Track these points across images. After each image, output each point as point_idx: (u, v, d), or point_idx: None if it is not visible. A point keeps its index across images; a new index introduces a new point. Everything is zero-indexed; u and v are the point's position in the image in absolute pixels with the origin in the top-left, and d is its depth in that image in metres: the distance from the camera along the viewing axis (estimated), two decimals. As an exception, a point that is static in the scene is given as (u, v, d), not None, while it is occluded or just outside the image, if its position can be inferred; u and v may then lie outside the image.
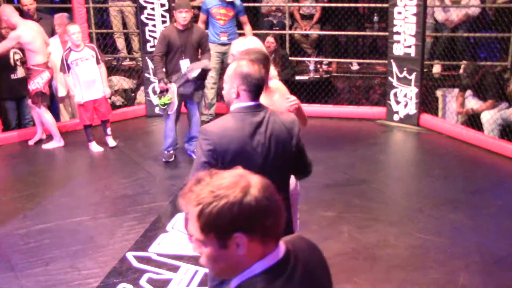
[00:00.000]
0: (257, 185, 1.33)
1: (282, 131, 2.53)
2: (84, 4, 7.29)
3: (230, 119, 2.51)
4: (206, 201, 1.29)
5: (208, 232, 1.30)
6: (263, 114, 2.52)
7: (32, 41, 6.07)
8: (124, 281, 3.75)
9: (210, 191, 1.30)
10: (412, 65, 6.62)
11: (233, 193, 1.29)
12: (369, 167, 5.61)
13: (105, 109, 6.20)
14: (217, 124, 2.54)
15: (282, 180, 2.62)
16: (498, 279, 3.71)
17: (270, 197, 1.33)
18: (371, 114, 7.13)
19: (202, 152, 2.46)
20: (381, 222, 4.46)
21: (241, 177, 1.33)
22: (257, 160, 2.48)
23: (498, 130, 6.12)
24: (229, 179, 1.32)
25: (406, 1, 6.50)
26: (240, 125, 2.47)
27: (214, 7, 6.66)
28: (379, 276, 3.75)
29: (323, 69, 8.02)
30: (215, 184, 1.31)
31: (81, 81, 6.01)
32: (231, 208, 1.28)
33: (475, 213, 4.59)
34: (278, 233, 1.37)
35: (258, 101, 2.54)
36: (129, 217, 4.67)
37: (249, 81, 2.49)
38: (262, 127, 2.49)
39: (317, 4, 8.00)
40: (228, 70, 2.57)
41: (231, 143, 2.44)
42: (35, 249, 4.20)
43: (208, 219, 1.29)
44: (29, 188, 5.34)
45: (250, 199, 1.29)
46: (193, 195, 1.32)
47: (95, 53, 6.07)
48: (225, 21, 6.69)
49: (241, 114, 2.50)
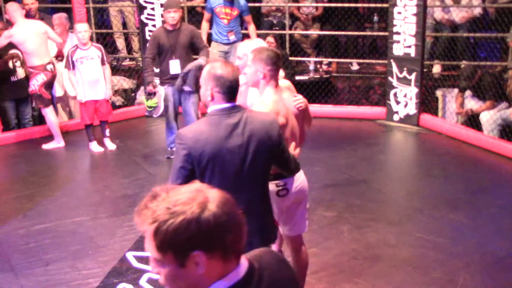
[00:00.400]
0: (215, 199, 1.26)
1: (261, 130, 2.51)
2: (84, 4, 7.29)
3: (205, 122, 2.50)
4: (162, 218, 1.21)
5: (165, 251, 1.23)
6: (239, 115, 2.49)
7: (23, 42, 6.04)
8: (124, 281, 3.75)
9: (166, 208, 1.22)
10: (412, 65, 6.62)
11: (190, 209, 1.22)
12: (369, 167, 5.61)
13: (106, 110, 6.20)
14: (191, 128, 2.54)
15: (262, 181, 2.61)
16: (498, 279, 3.71)
17: (229, 212, 1.26)
18: (371, 114, 7.13)
19: (178, 157, 2.45)
20: (381, 222, 4.46)
21: (198, 192, 1.26)
22: (235, 162, 2.47)
23: (498, 130, 6.12)
24: (186, 194, 1.25)
25: (406, 1, 6.50)
26: (215, 127, 2.45)
27: (218, 6, 6.68)
28: (379, 276, 3.75)
29: (323, 69, 8.02)
30: (171, 200, 1.24)
31: (85, 80, 6.01)
32: (188, 225, 1.21)
33: (475, 213, 4.59)
34: (239, 249, 1.30)
35: (234, 102, 2.52)
36: (129, 217, 4.66)
37: (222, 83, 2.46)
38: (238, 128, 2.47)
39: (317, 4, 8.00)
40: (203, 72, 2.55)
41: (206, 146, 2.42)
42: (35, 249, 4.20)
43: (165, 238, 1.22)
44: (29, 188, 5.34)
45: (208, 215, 1.22)
46: (148, 212, 1.24)
47: (101, 54, 6.07)
48: (229, 20, 6.69)
49: (216, 117, 2.48)
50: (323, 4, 7.94)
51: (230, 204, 1.28)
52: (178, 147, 2.46)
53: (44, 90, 6.21)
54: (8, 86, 6.69)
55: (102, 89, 6.11)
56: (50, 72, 6.21)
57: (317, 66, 7.95)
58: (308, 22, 8.01)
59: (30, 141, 6.63)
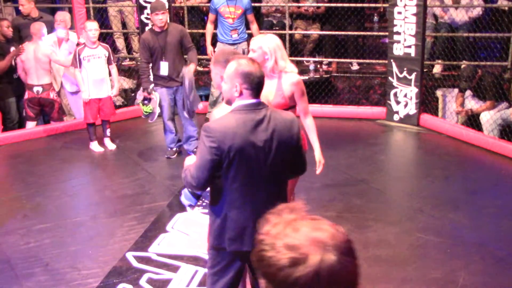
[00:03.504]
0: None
1: (283, 128, 2.57)
2: (84, 4, 7.29)
3: (232, 116, 2.54)
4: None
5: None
6: (264, 111, 2.56)
7: (25, 60, 6.47)
8: (124, 281, 3.75)
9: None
10: (412, 65, 6.62)
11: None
12: (369, 167, 5.61)
13: (109, 110, 6.20)
14: (219, 122, 2.56)
15: (280, 180, 2.66)
16: (498, 279, 3.71)
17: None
18: (371, 114, 7.13)
19: (206, 150, 2.49)
20: (381, 222, 4.46)
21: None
22: (259, 157, 2.52)
23: (498, 130, 6.12)
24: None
25: (406, 1, 6.50)
26: (242, 122, 2.50)
27: (222, 5, 6.67)
28: (379, 276, 3.75)
29: (323, 69, 8.02)
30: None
31: (90, 79, 6.03)
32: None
33: (475, 213, 4.59)
34: None
35: (259, 98, 2.58)
36: (129, 217, 4.67)
37: (252, 80, 2.53)
38: (263, 124, 2.53)
39: (317, 4, 7.99)
40: (228, 69, 2.59)
41: (234, 140, 2.47)
42: (35, 249, 4.20)
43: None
44: (29, 188, 5.34)
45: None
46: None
47: (108, 53, 6.10)
48: (234, 19, 6.68)
49: (243, 112, 2.53)
50: (323, 4, 7.93)
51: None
52: (205, 140, 2.49)
53: (26, 107, 6.60)
54: (11, 82, 6.87)
55: (106, 88, 6.14)
56: (34, 94, 6.49)
57: (317, 66, 7.95)
58: (309, 15, 7.96)
59: (30, 140, 6.65)
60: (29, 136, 6.68)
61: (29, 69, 6.46)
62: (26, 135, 6.71)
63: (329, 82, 7.67)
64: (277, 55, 3.50)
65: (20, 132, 6.79)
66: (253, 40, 3.58)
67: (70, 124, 6.96)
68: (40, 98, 6.52)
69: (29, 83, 6.49)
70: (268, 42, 3.50)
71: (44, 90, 6.50)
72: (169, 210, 4.76)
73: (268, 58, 3.49)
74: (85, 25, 6.12)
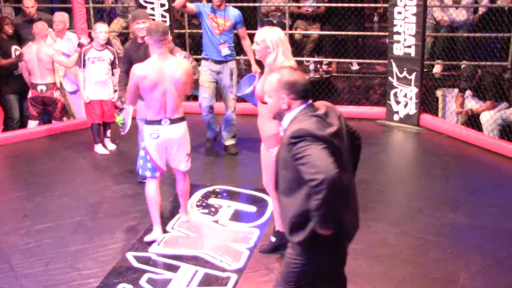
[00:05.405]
0: None
1: (341, 117, 2.66)
2: (84, 4, 7.29)
3: (305, 119, 2.49)
4: None
5: None
6: (318, 105, 2.59)
7: (29, 61, 6.50)
8: (124, 281, 3.75)
9: None
10: (412, 65, 6.62)
11: None
12: (369, 167, 5.60)
13: (111, 112, 6.20)
14: (303, 125, 2.46)
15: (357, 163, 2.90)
16: (498, 279, 3.71)
17: None
18: (371, 114, 7.13)
19: (320, 154, 2.37)
20: (381, 222, 4.46)
21: None
22: (345, 146, 2.61)
23: (498, 130, 6.12)
24: None
25: (406, 1, 6.50)
26: (315, 121, 2.48)
27: (208, 14, 5.76)
28: (379, 276, 3.75)
29: (323, 69, 8.02)
30: None
31: (92, 80, 6.03)
32: None
33: (475, 213, 4.59)
34: None
35: (310, 100, 2.60)
36: (129, 217, 4.67)
37: (298, 88, 2.53)
38: (330, 116, 2.55)
39: (316, 4, 7.99)
40: (270, 83, 2.56)
41: (330, 138, 2.46)
42: (35, 249, 4.20)
43: None
44: (29, 188, 5.34)
45: None
46: None
47: (113, 57, 6.10)
48: (222, 31, 5.72)
49: (308, 113, 2.52)
50: (323, 4, 7.94)
51: None
52: (310, 146, 2.39)
53: (30, 105, 6.61)
54: (11, 79, 6.88)
55: (108, 91, 6.14)
56: (38, 93, 6.49)
57: (317, 66, 7.95)
58: (309, 15, 7.95)
59: (30, 140, 6.65)
60: (29, 136, 6.68)
61: (32, 69, 6.48)
62: (27, 135, 6.72)
63: (329, 82, 7.67)
64: (279, 50, 3.47)
65: (21, 132, 6.80)
66: (258, 33, 3.55)
67: (70, 124, 6.96)
68: (43, 97, 6.52)
69: (33, 82, 6.51)
70: (271, 35, 3.48)
71: (48, 89, 6.51)
72: (169, 210, 4.76)
73: (271, 51, 3.47)
74: (94, 26, 6.12)
